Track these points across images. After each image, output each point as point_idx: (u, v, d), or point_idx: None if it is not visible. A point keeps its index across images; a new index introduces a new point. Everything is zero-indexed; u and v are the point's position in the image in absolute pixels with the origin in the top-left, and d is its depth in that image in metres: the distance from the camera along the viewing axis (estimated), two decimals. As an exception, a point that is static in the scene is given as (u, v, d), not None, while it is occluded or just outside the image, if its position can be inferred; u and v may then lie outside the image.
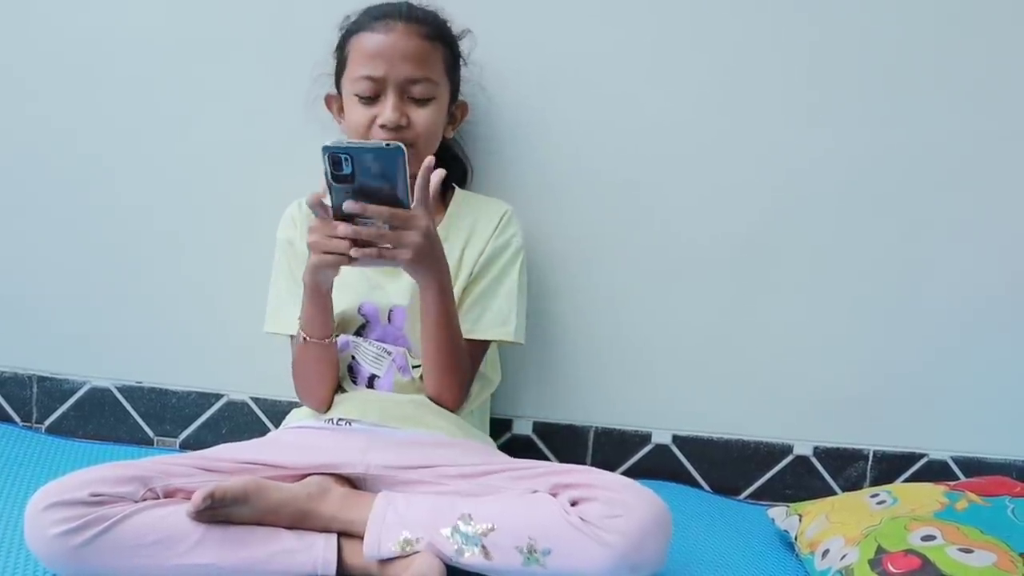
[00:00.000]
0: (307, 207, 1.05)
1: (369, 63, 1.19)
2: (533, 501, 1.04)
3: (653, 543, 0.99)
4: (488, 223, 1.29)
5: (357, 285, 1.25)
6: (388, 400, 1.23)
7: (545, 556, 0.98)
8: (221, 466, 1.10)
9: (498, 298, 1.27)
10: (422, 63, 1.21)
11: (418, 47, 1.20)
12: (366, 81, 1.20)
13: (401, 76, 1.19)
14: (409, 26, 1.20)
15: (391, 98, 1.19)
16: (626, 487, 1.03)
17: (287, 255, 1.30)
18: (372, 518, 1.03)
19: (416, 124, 1.21)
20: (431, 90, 1.21)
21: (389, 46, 1.19)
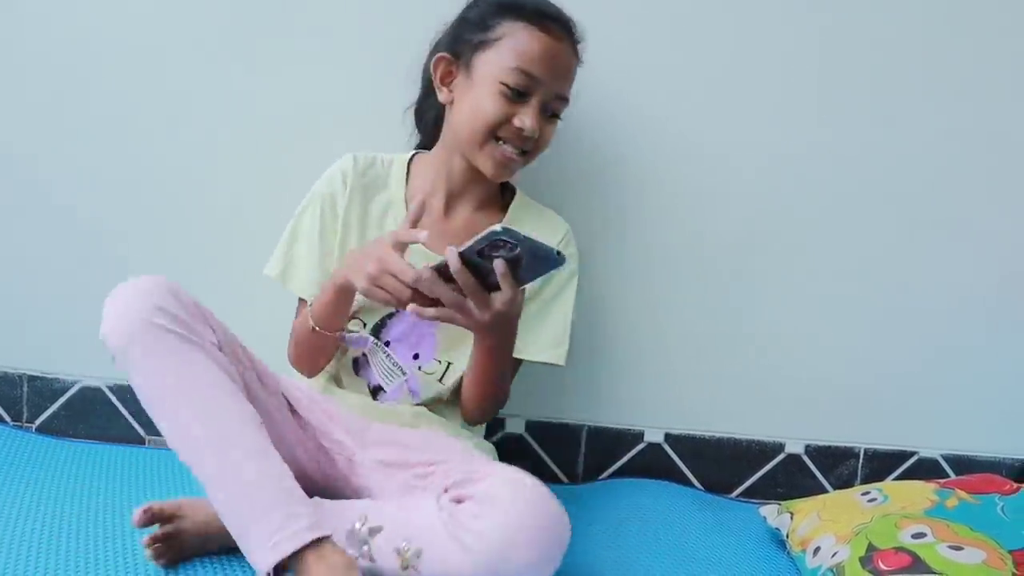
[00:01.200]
0: (359, 170, 1.17)
1: (535, 62, 1.12)
2: (417, 499, 1.00)
3: (525, 551, 0.90)
4: (546, 238, 1.18)
5: None
6: (389, 411, 1.20)
7: (417, 559, 0.92)
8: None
9: (553, 320, 1.24)
10: (570, 83, 1.18)
11: (572, 67, 1.18)
12: (524, 76, 1.12)
13: (554, 90, 1.15)
14: (572, 44, 1.17)
15: (537, 106, 1.14)
16: (507, 483, 0.96)
17: (323, 212, 1.21)
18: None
19: (541, 139, 1.17)
20: (563, 109, 1.19)
21: (557, 56, 1.14)
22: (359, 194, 1.22)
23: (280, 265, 1.22)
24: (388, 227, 1.20)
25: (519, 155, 1.16)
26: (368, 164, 1.24)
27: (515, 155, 1.15)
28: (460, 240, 0.96)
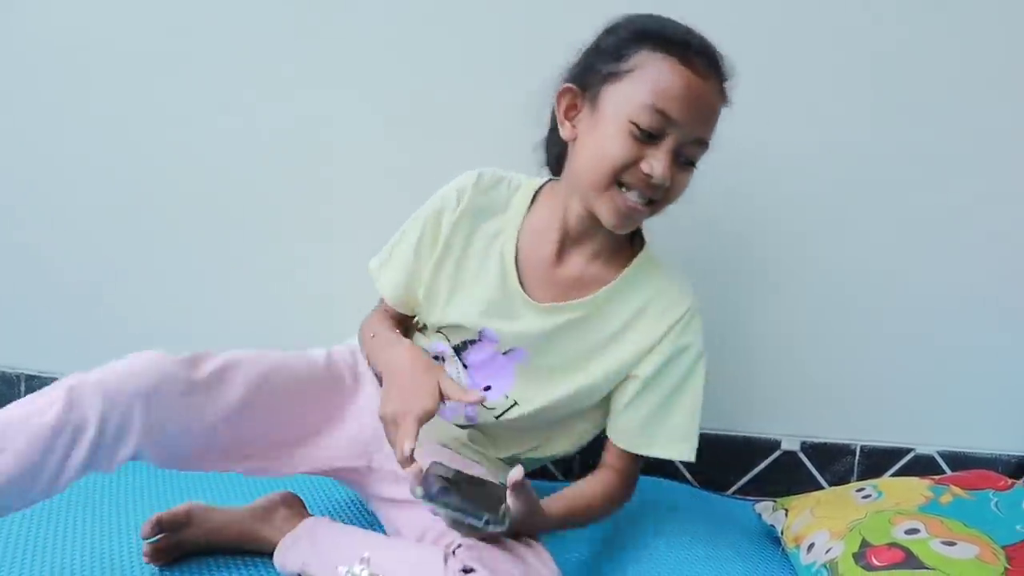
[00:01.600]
0: (480, 188, 1.11)
1: (672, 100, 0.98)
2: (424, 559, 0.94)
3: None
4: (664, 312, 1.11)
5: (487, 307, 1.11)
6: (437, 427, 1.12)
7: None
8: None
9: (679, 413, 1.12)
10: (712, 128, 1.02)
11: (716, 108, 1.02)
12: (657, 115, 0.98)
13: (693, 133, 1.00)
14: (719, 82, 1.02)
15: (670, 150, 1.00)
16: (518, 564, 0.91)
17: (425, 227, 1.14)
18: (286, 538, 1.06)
19: (672, 188, 1.03)
20: (700, 156, 1.04)
21: (700, 94, 0.99)
22: (470, 216, 1.13)
23: (380, 261, 1.19)
24: (493, 256, 1.12)
25: (644, 204, 1.02)
26: (493, 183, 1.15)
27: (640, 204, 1.02)
28: (568, 291, 1.06)
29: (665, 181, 1.00)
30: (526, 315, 1.10)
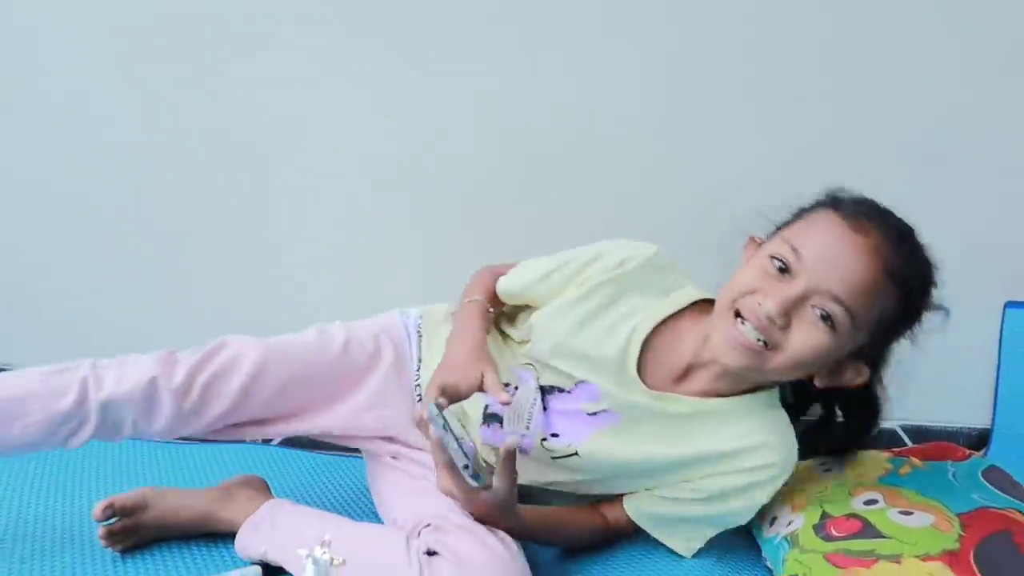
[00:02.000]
0: (654, 264, 1.08)
1: (809, 240, 0.96)
2: (386, 541, 0.97)
3: None
4: (756, 457, 1.05)
5: (601, 368, 1.08)
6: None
7: None
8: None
9: (708, 525, 1.10)
10: (855, 292, 0.94)
11: (870, 280, 0.94)
12: (790, 251, 0.96)
13: (825, 285, 0.94)
14: (880, 252, 0.95)
15: (796, 293, 0.94)
16: (484, 550, 0.93)
17: (568, 269, 1.12)
18: (245, 524, 1.06)
19: (793, 339, 0.95)
20: (840, 320, 0.94)
21: (844, 246, 0.95)
22: (623, 284, 1.09)
23: (525, 263, 1.19)
24: (623, 331, 1.07)
25: (758, 342, 0.96)
26: (664, 267, 1.11)
27: (752, 341, 0.96)
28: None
29: (775, 318, 0.94)
30: (634, 391, 1.07)
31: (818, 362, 0.98)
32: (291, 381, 1.12)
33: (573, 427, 1.09)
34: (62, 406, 1.01)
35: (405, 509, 1.08)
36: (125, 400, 1.03)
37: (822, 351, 0.96)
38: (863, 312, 0.95)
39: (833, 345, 0.96)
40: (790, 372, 1.00)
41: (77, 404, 1.02)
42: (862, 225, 0.96)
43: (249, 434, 1.14)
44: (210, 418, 1.08)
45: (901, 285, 0.97)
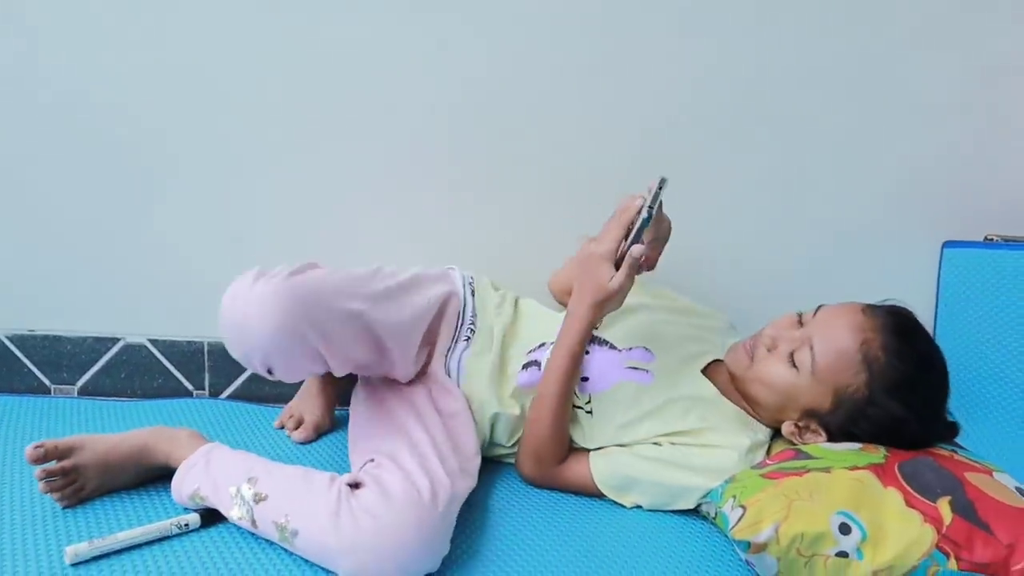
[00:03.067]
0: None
1: (829, 310, 1.11)
2: (312, 476, 1.00)
3: (391, 560, 0.90)
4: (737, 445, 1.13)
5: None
6: (508, 385, 1.22)
7: (294, 537, 0.94)
8: None
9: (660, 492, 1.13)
10: (830, 352, 1.06)
11: (843, 348, 1.05)
12: (814, 311, 1.12)
13: (813, 337, 1.08)
14: (866, 333, 1.05)
15: (792, 333, 1.11)
16: (406, 487, 0.95)
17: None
18: (182, 466, 1.06)
19: (760, 363, 1.12)
20: (803, 361, 1.07)
21: (848, 318, 1.08)
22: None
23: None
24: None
25: (747, 349, 1.15)
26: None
27: (744, 344, 1.16)
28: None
29: (765, 337, 1.14)
30: (688, 370, 1.20)
31: (777, 391, 1.10)
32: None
33: (604, 373, 1.18)
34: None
35: (372, 440, 1.11)
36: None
37: (780, 380, 1.09)
38: (827, 370, 1.06)
39: (792, 382, 1.08)
40: (759, 389, 1.12)
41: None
42: (874, 311, 1.08)
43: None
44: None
45: (870, 369, 1.05)
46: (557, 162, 1.46)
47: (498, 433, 1.21)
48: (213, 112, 1.43)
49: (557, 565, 0.98)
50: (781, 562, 0.90)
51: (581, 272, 1.11)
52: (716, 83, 1.45)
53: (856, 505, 0.92)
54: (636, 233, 1.07)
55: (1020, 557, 0.89)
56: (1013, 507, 0.94)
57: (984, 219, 1.49)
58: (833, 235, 1.51)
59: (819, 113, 1.46)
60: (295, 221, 1.47)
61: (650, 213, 1.06)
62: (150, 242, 1.47)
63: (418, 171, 1.47)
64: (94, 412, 1.38)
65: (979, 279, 1.45)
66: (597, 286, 1.08)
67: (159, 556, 0.96)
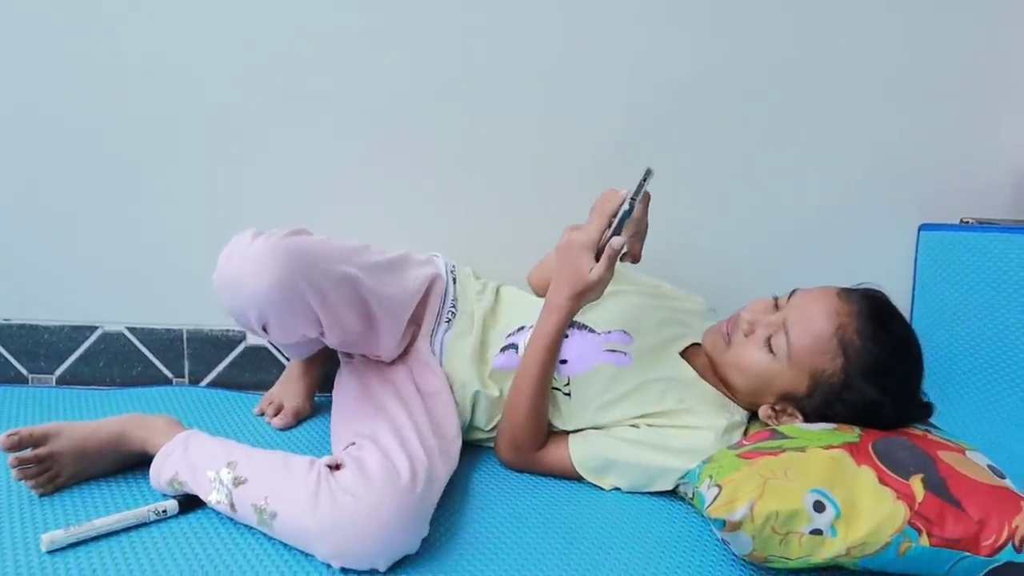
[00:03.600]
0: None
1: (805, 294, 1.12)
2: (292, 460, 0.99)
3: (371, 540, 0.90)
4: (710, 426, 1.13)
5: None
6: (487, 367, 1.23)
7: (273, 520, 0.94)
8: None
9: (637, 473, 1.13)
10: (805, 335, 1.07)
11: (819, 332, 1.06)
12: (788, 295, 1.13)
13: (788, 321, 1.08)
14: (842, 318, 1.06)
15: (768, 317, 1.11)
16: (385, 468, 0.95)
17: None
18: (160, 452, 1.06)
19: (737, 348, 1.13)
20: (779, 347, 1.08)
21: (823, 302, 1.08)
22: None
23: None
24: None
25: (724, 333, 1.16)
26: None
27: (721, 328, 1.17)
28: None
29: (742, 322, 1.14)
30: (667, 354, 1.21)
31: (754, 376, 1.11)
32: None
33: (583, 356, 1.18)
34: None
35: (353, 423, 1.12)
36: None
37: (757, 365, 1.10)
38: (803, 353, 1.07)
39: (768, 367, 1.09)
40: (736, 374, 1.14)
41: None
42: (849, 296, 1.09)
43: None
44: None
45: (846, 353, 1.05)
46: (538, 151, 1.47)
47: (478, 415, 1.22)
48: (193, 100, 1.42)
49: (536, 547, 0.99)
50: (756, 540, 0.90)
51: (562, 261, 1.11)
52: (693, 70, 1.45)
53: (830, 483, 0.93)
54: (618, 224, 1.07)
55: (990, 532, 0.90)
56: (985, 484, 0.95)
57: (960, 202, 1.50)
58: (811, 219, 1.52)
59: (796, 98, 1.47)
60: (274, 210, 1.46)
61: (632, 204, 1.06)
62: (127, 230, 1.46)
63: (399, 161, 1.47)
64: (73, 401, 1.38)
65: (955, 261, 1.46)
66: (577, 276, 1.08)
67: (136, 543, 0.95)
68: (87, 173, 1.44)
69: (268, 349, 1.50)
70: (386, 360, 1.23)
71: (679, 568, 0.96)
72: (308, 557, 0.93)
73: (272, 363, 1.50)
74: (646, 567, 0.95)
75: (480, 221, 1.49)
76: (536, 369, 1.13)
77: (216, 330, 1.49)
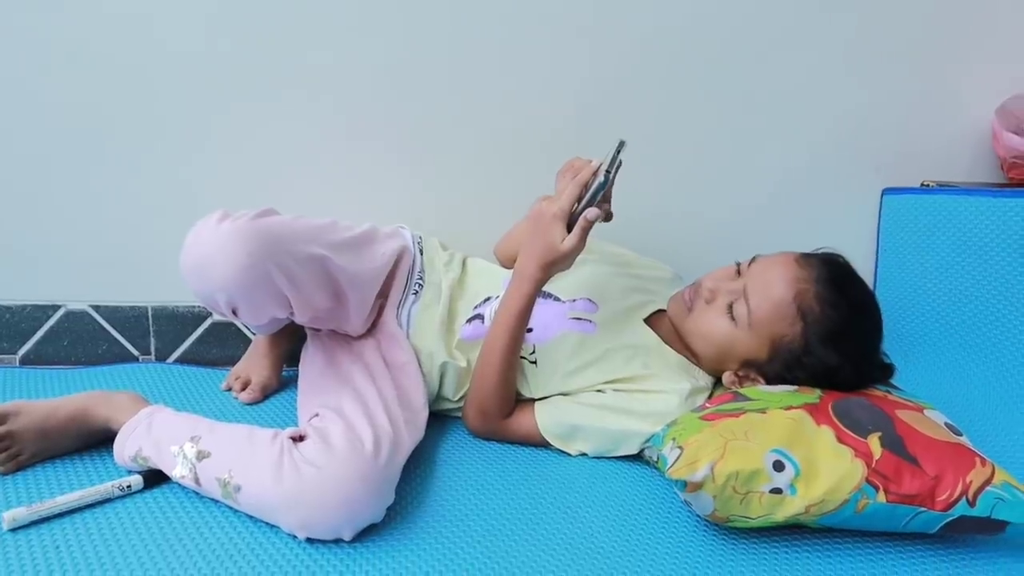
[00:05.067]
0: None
1: (765, 260, 1.13)
2: (256, 433, 0.99)
3: (333, 509, 0.90)
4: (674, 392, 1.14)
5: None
6: (453, 338, 1.23)
7: (237, 492, 0.94)
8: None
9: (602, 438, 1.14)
10: (765, 301, 1.08)
11: (779, 299, 1.07)
12: (749, 261, 1.14)
13: (749, 288, 1.10)
14: (801, 284, 1.07)
15: (729, 285, 1.12)
16: (349, 440, 0.95)
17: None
18: (123, 429, 1.06)
19: (699, 314, 1.14)
20: (740, 314, 1.09)
21: (782, 269, 1.10)
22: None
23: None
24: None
25: (686, 299, 1.18)
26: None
27: (684, 295, 1.19)
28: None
29: (703, 289, 1.15)
30: (632, 320, 1.23)
31: (716, 343, 1.13)
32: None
33: (548, 324, 1.19)
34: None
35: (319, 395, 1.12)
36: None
37: (718, 333, 1.12)
38: (764, 321, 1.08)
39: (730, 334, 1.11)
40: (698, 341, 1.15)
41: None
42: (808, 261, 1.10)
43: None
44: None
45: (805, 319, 1.07)
46: (501, 123, 1.46)
47: (446, 386, 1.22)
48: (155, 74, 1.39)
49: (503, 513, 1.00)
50: (717, 500, 0.92)
51: (532, 230, 1.10)
52: (654, 39, 1.45)
53: (790, 443, 0.95)
54: (592, 195, 1.06)
55: (945, 488, 0.92)
56: (941, 441, 0.97)
57: (921, 166, 1.52)
58: (776, 185, 1.53)
59: (758, 65, 1.47)
60: (239, 185, 1.44)
61: (607, 177, 1.05)
62: (89, 207, 1.43)
63: (363, 135, 1.45)
64: (37, 381, 1.36)
65: (916, 224, 1.48)
66: (548, 246, 1.07)
67: (101, 519, 0.95)
68: (48, 150, 1.41)
69: (235, 324, 1.49)
70: (353, 335, 1.23)
71: (643, 531, 0.97)
72: (274, 529, 0.93)
73: (239, 338, 1.49)
74: (610, 531, 0.96)
75: (443, 194, 1.48)
76: (505, 338, 1.13)
77: (182, 306, 1.48)
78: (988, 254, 1.39)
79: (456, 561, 0.90)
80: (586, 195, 1.06)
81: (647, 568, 0.90)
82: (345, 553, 0.91)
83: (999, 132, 1.45)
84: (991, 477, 0.93)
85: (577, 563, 0.90)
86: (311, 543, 0.91)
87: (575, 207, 1.07)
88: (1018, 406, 1.27)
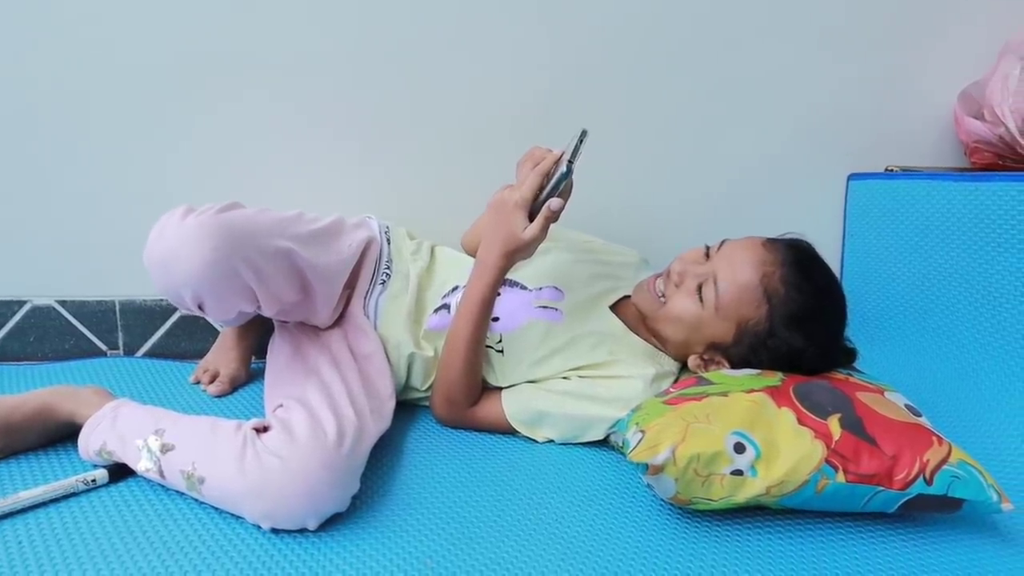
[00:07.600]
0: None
1: (733, 244, 1.14)
2: (219, 425, 0.99)
3: (295, 499, 0.90)
4: (638, 377, 1.16)
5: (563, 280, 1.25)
6: (420, 328, 1.24)
7: (201, 484, 0.93)
8: None
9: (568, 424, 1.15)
10: (732, 285, 1.09)
11: (746, 282, 1.09)
12: (718, 245, 1.15)
13: (718, 271, 1.10)
14: (767, 267, 1.09)
15: (697, 269, 1.13)
16: (311, 428, 0.95)
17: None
18: (88, 423, 1.05)
19: (670, 301, 1.14)
20: (708, 296, 1.10)
21: (749, 253, 1.11)
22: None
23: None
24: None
25: (657, 290, 1.18)
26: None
27: (654, 287, 1.19)
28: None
29: (673, 274, 1.16)
30: (597, 308, 1.23)
31: (687, 326, 1.13)
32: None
33: (514, 313, 1.20)
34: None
35: (284, 386, 1.12)
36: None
37: (687, 314, 1.12)
38: (731, 302, 1.09)
39: (697, 315, 1.11)
40: (670, 326, 1.15)
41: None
42: (774, 245, 1.12)
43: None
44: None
45: (770, 301, 1.08)
46: (463, 112, 1.46)
47: (414, 376, 1.22)
48: (119, 67, 1.38)
49: (468, 501, 1.00)
50: (679, 482, 0.93)
51: (494, 219, 1.10)
52: (618, 25, 1.45)
53: (751, 425, 0.96)
54: (554, 185, 1.06)
55: (903, 467, 0.93)
56: (899, 422, 0.99)
57: (885, 151, 1.53)
58: (744, 171, 1.55)
59: (724, 52, 1.48)
60: (204, 177, 1.44)
61: (570, 167, 1.05)
62: (55, 201, 1.42)
63: (325, 125, 1.45)
64: (4, 378, 1.35)
65: (880, 208, 1.49)
66: (509, 235, 1.08)
67: (66, 513, 0.94)
68: (10, 142, 1.39)
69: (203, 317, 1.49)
70: (321, 327, 1.23)
71: (607, 515, 0.98)
72: (239, 520, 0.93)
73: (208, 331, 1.49)
74: (574, 517, 0.97)
75: (408, 184, 1.48)
76: (469, 327, 1.14)
77: (150, 300, 1.47)
78: (950, 238, 1.40)
79: (421, 550, 0.90)
80: (548, 185, 1.06)
81: (610, 552, 0.91)
82: (310, 543, 0.91)
83: (961, 117, 1.47)
84: (948, 456, 0.95)
85: (540, 549, 0.91)
86: (276, 533, 0.92)
87: (538, 196, 1.07)
88: (977, 387, 1.29)
